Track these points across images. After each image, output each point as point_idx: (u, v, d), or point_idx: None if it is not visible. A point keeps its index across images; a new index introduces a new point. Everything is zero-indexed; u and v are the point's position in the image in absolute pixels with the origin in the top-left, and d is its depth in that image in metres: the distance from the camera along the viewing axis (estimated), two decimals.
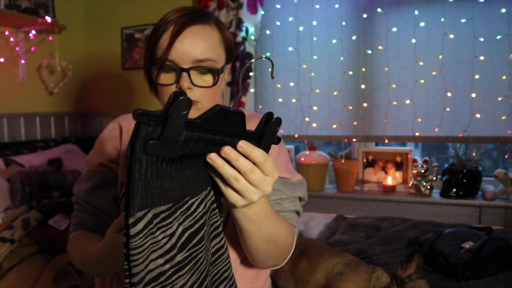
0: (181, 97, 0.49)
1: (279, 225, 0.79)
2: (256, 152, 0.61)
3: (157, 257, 0.54)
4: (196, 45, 0.85)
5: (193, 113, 0.86)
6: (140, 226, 0.52)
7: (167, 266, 0.55)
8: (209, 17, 0.90)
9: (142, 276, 0.53)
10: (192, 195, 0.60)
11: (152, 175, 0.52)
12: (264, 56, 0.73)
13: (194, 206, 0.60)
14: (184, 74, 0.84)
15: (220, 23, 0.93)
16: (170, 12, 0.88)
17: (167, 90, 0.87)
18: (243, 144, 0.60)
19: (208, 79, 0.88)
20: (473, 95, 2.15)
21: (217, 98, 0.92)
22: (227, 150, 0.59)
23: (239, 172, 0.61)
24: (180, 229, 0.58)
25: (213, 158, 0.59)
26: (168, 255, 0.56)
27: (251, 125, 0.94)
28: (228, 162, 0.60)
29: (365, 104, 2.35)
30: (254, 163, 0.61)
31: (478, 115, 2.15)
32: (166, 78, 0.87)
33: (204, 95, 0.87)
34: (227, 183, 0.62)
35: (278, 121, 0.64)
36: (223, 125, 0.59)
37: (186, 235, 0.58)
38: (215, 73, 0.88)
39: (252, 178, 0.61)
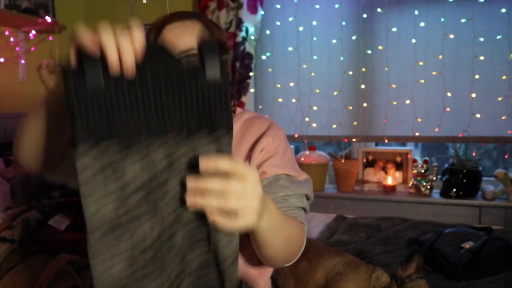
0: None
1: (292, 227, 0.80)
2: (221, 162, 0.56)
3: (111, 192, 0.55)
4: (178, 38, 0.84)
5: None
6: (86, 160, 0.53)
7: (122, 210, 0.55)
8: (190, 15, 0.91)
9: (94, 213, 0.54)
10: (149, 138, 0.58)
11: (94, 112, 0.53)
12: None
13: (152, 149, 0.58)
14: None
15: (203, 17, 0.93)
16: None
17: None
18: (203, 163, 0.55)
19: None
20: (473, 95, 2.15)
21: None
22: (192, 188, 0.56)
23: (219, 194, 0.55)
24: (133, 169, 0.57)
25: (192, 203, 0.56)
26: (120, 192, 0.55)
27: (257, 127, 0.94)
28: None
29: (365, 104, 2.35)
30: (227, 173, 0.56)
31: (478, 115, 2.15)
32: None
33: None
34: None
35: (211, 43, 0.59)
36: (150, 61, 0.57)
37: (142, 177, 0.57)
38: None
39: (235, 192, 0.56)
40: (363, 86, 2.34)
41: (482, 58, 2.12)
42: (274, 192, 0.87)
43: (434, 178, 2.22)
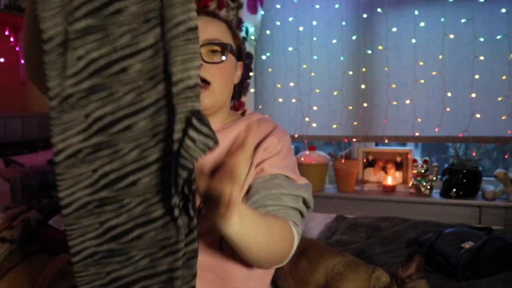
0: None
1: (274, 229, 0.76)
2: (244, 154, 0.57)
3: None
4: (204, 27, 0.89)
5: (206, 95, 0.87)
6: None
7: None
8: (218, 16, 0.97)
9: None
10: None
11: None
12: None
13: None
14: None
15: (230, 23, 0.98)
16: None
17: None
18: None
19: (218, 57, 0.90)
20: (473, 95, 2.15)
21: (229, 81, 0.93)
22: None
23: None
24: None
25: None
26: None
27: (264, 128, 0.94)
28: None
29: (365, 104, 2.35)
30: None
31: (478, 115, 2.15)
32: None
33: (215, 75, 0.88)
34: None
35: None
36: None
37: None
38: (224, 49, 0.90)
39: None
40: (363, 86, 2.34)
41: (482, 58, 2.12)
42: (267, 188, 0.84)
43: (434, 178, 2.22)
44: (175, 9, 0.54)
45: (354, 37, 2.34)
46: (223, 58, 0.90)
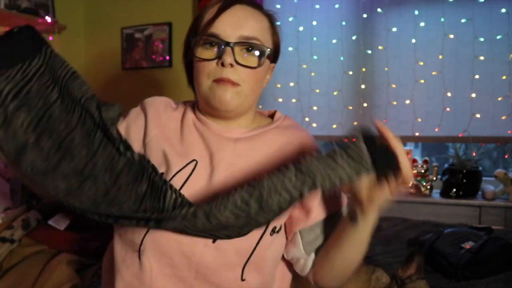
0: None
1: None
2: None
3: None
4: (244, 21, 0.78)
5: (232, 96, 0.78)
6: None
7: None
8: (261, 7, 0.86)
9: None
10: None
11: None
12: None
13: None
14: (228, 49, 0.76)
15: (273, 18, 0.87)
16: None
17: (205, 67, 0.78)
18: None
19: (253, 60, 0.79)
20: (473, 95, 2.15)
21: (258, 86, 0.83)
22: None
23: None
24: None
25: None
26: None
27: (298, 141, 0.86)
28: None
29: (365, 104, 2.35)
30: None
31: (478, 115, 2.15)
32: (206, 53, 0.78)
33: (246, 78, 0.78)
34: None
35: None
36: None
37: None
38: (261, 54, 0.80)
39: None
40: (363, 86, 2.34)
41: (482, 58, 2.12)
42: (309, 243, 0.88)
43: (434, 178, 2.22)
44: (58, 70, 0.82)
45: (354, 37, 2.34)
46: (259, 63, 0.80)
